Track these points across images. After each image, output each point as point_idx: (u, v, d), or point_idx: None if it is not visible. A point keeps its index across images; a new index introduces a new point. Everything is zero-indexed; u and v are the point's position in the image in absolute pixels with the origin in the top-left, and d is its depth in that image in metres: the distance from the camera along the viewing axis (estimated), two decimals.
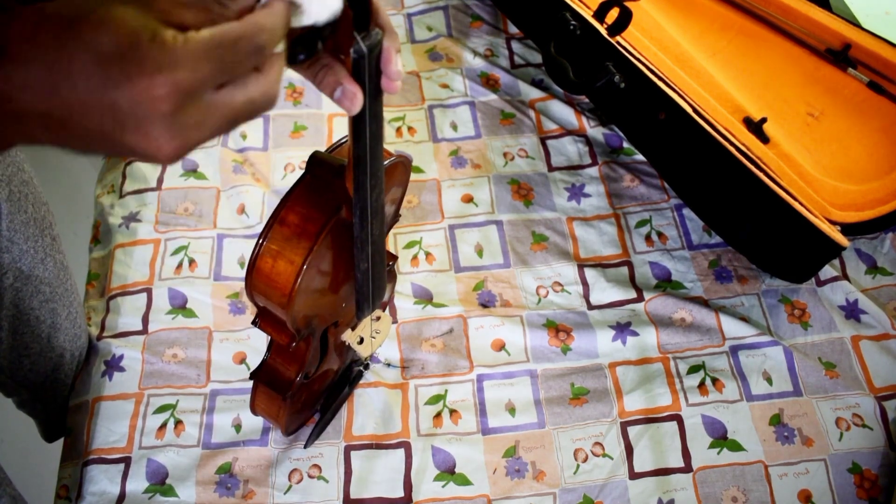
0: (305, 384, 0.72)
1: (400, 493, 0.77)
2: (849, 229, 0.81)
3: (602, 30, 0.89)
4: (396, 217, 0.71)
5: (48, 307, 0.79)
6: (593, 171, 1.00)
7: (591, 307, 0.89)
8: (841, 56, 0.90)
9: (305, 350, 0.68)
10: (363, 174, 0.52)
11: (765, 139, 0.87)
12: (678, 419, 0.80)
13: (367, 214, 0.55)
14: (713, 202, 0.90)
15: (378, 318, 0.73)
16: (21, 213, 0.73)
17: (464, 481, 0.77)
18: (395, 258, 0.78)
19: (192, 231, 0.95)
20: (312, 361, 0.71)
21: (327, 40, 0.41)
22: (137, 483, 0.77)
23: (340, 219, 0.57)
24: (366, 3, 0.41)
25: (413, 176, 1.01)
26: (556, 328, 0.87)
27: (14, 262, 0.73)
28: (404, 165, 0.65)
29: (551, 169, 1.01)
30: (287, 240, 0.57)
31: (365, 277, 0.63)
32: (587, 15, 0.91)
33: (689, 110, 0.83)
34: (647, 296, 0.89)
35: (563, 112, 1.06)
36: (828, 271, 0.89)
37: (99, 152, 0.33)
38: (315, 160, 0.58)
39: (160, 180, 1.00)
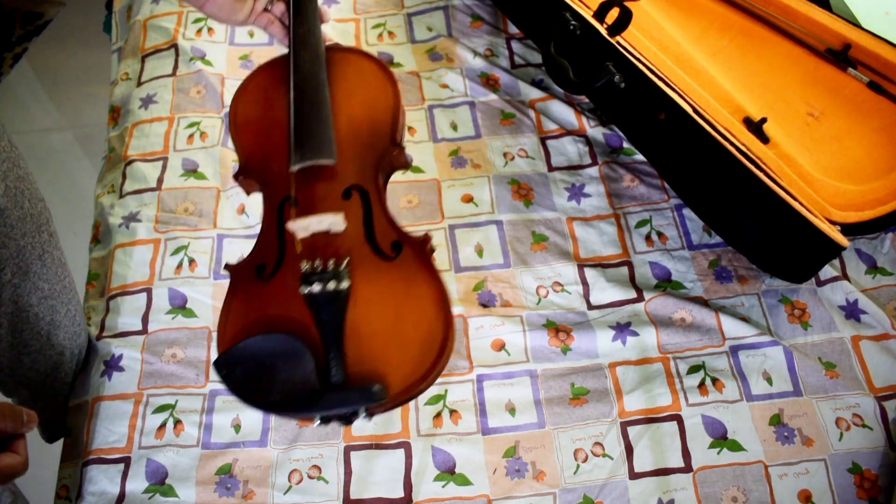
0: (259, 286, 0.68)
1: (400, 494, 0.77)
2: (849, 229, 0.81)
3: (602, 30, 0.89)
4: (395, 146, 0.73)
5: (47, 304, 0.79)
6: (593, 171, 1.00)
7: (591, 307, 0.89)
8: (841, 56, 0.90)
9: (265, 230, 0.70)
10: (293, 10, 0.73)
11: (765, 139, 0.87)
12: (678, 419, 0.80)
13: (295, 43, 0.73)
14: (713, 202, 0.90)
15: (329, 219, 0.69)
16: (17, 208, 0.73)
17: (464, 481, 0.77)
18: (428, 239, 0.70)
19: (192, 231, 0.95)
20: (267, 245, 0.70)
21: None
22: (137, 483, 0.77)
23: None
24: None
25: (413, 176, 1.01)
26: (556, 328, 0.87)
27: (12, 258, 0.73)
28: (367, 66, 0.77)
29: (551, 169, 1.01)
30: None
31: (297, 110, 0.72)
32: (587, 15, 0.91)
33: (689, 110, 0.83)
34: (647, 296, 0.89)
35: (563, 112, 1.06)
36: (828, 271, 0.89)
37: None
38: None
39: (160, 180, 1.00)
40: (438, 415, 0.81)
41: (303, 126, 0.71)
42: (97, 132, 1.39)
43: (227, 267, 0.71)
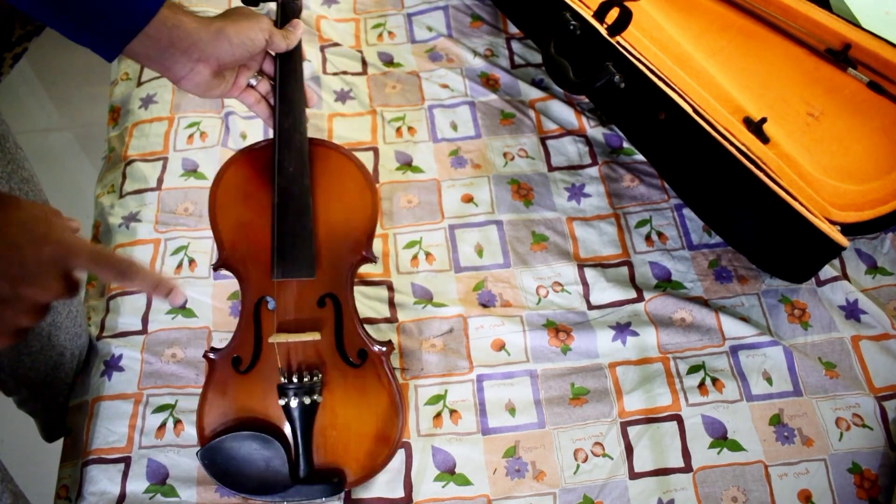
0: (235, 377, 0.75)
1: (400, 493, 0.77)
2: (849, 229, 0.81)
3: (602, 30, 0.89)
4: (366, 259, 0.77)
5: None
6: (593, 171, 1.00)
7: (591, 307, 0.89)
8: (841, 56, 0.90)
9: (242, 326, 0.76)
10: (278, 98, 0.72)
11: (765, 139, 0.87)
12: (678, 419, 0.80)
13: (280, 140, 0.72)
14: (713, 202, 0.90)
15: (306, 337, 0.75)
16: (21, 170, 0.73)
17: (464, 481, 0.77)
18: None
19: (192, 231, 0.95)
20: (244, 340, 0.76)
21: None
22: (138, 483, 0.77)
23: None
24: None
25: (413, 176, 1.01)
26: (556, 328, 0.87)
27: None
28: (349, 170, 0.77)
29: (551, 169, 1.01)
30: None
31: (280, 220, 0.72)
32: (587, 15, 0.91)
33: (689, 110, 0.83)
34: (647, 296, 0.89)
35: (563, 112, 1.06)
36: (828, 271, 0.89)
37: None
38: None
39: (160, 180, 1.00)
40: (438, 415, 0.81)
41: (286, 240, 0.73)
42: (97, 132, 1.39)
43: (205, 356, 0.76)
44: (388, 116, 1.07)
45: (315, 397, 0.74)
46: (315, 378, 0.74)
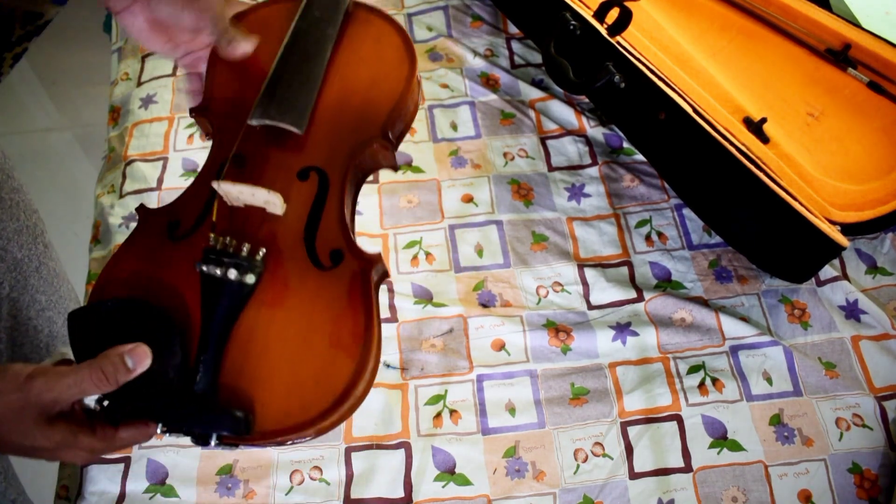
0: (164, 244, 0.58)
1: (400, 494, 0.77)
2: (849, 229, 0.81)
3: (602, 30, 0.89)
4: (383, 139, 0.61)
5: (45, 316, 0.78)
6: (593, 171, 1.00)
7: (591, 307, 0.89)
8: (841, 56, 0.90)
9: (196, 186, 0.61)
10: None
11: (765, 139, 0.87)
12: (678, 419, 0.80)
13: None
14: (713, 202, 0.90)
15: (266, 196, 0.58)
16: (13, 220, 0.72)
17: (464, 481, 0.78)
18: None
19: None
20: (190, 202, 0.60)
21: None
22: (138, 483, 0.77)
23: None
24: None
25: (413, 176, 1.01)
26: (556, 328, 0.87)
27: (9, 272, 0.72)
28: (389, 37, 0.64)
29: (551, 169, 1.01)
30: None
31: (282, 58, 0.61)
32: (587, 15, 0.91)
33: (689, 110, 0.83)
34: (647, 296, 0.89)
35: (563, 112, 1.06)
36: (828, 271, 0.89)
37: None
38: None
39: (160, 180, 1.00)
40: (438, 415, 0.81)
41: (281, 79, 0.60)
42: (97, 132, 1.39)
43: (139, 209, 0.60)
44: None
45: (247, 278, 0.54)
46: (257, 256, 0.55)
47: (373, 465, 0.78)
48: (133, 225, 0.96)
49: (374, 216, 0.97)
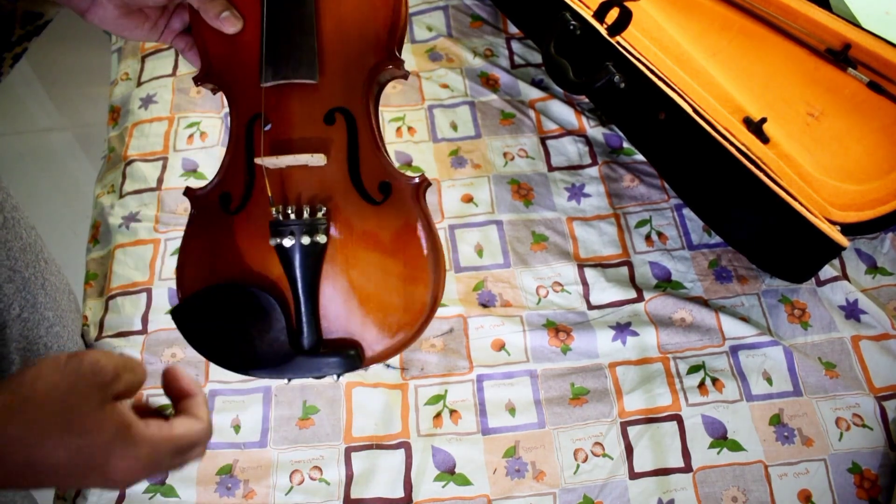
0: (224, 219, 0.60)
1: (400, 494, 0.77)
2: (849, 229, 0.81)
3: (602, 30, 0.89)
4: (392, 59, 0.62)
5: (53, 332, 0.78)
6: (593, 171, 1.00)
7: (591, 307, 0.89)
8: (841, 56, 0.90)
9: (231, 154, 0.61)
10: None
11: (765, 139, 0.87)
12: (678, 419, 0.80)
13: None
14: (713, 202, 0.90)
15: (309, 158, 0.60)
16: (17, 239, 0.71)
17: (464, 481, 0.77)
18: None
19: None
20: (233, 171, 0.61)
21: None
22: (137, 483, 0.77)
23: None
24: None
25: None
26: (556, 328, 0.87)
27: (19, 292, 0.71)
28: None
29: (551, 169, 1.01)
30: None
31: (273, 6, 0.58)
32: (587, 15, 0.91)
33: (689, 110, 0.83)
34: (647, 296, 0.89)
35: (563, 112, 1.06)
36: (828, 271, 0.89)
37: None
38: None
39: (160, 180, 1.00)
40: (438, 415, 0.81)
41: (278, 34, 0.58)
42: (97, 132, 1.39)
43: (187, 192, 0.62)
44: (387, 116, 1.07)
45: (318, 238, 0.57)
46: (319, 214, 0.58)
47: (373, 465, 0.78)
48: (133, 225, 0.96)
49: None
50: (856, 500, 0.75)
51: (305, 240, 0.57)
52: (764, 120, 0.87)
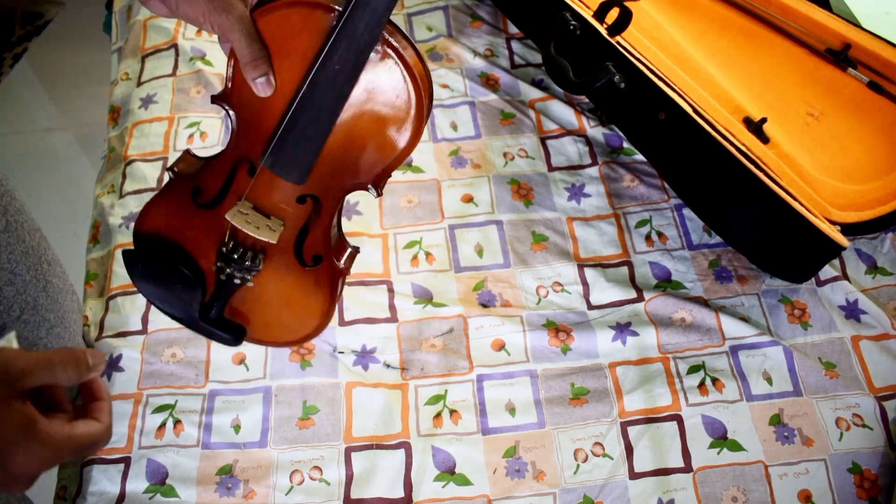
0: (188, 204, 0.72)
1: (400, 494, 0.77)
2: (849, 229, 0.81)
3: (602, 30, 0.89)
4: (375, 187, 0.67)
5: (54, 333, 0.78)
6: (593, 171, 1.00)
7: (591, 307, 0.89)
8: (841, 56, 0.90)
9: (217, 165, 0.70)
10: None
11: (765, 139, 0.87)
12: (678, 419, 0.80)
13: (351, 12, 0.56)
14: (713, 202, 0.90)
15: (267, 221, 0.70)
16: (20, 243, 0.71)
17: (464, 481, 0.77)
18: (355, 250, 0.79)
19: None
20: (213, 177, 0.71)
21: None
22: (137, 483, 0.77)
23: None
24: None
25: (413, 176, 1.01)
26: (556, 328, 0.87)
27: (19, 295, 0.72)
28: (405, 92, 0.61)
29: (551, 169, 1.01)
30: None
31: (297, 111, 0.62)
32: (587, 15, 0.91)
33: (689, 110, 0.83)
34: (647, 296, 0.89)
35: (563, 112, 1.06)
36: (828, 271, 0.89)
37: None
38: None
39: (160, 180, 1.00)
40: (438, 415, 0.81)
41: (288, 140, 0.64)
42: (97, 132, 1.39)
43: (170, 169, 0.73)
44: None
45: (248, 278, 0.74)
46: (257, 261, 0.73)
47: (373, 465, 0.78)
48: (133, 225, 0.96)
49: (375, 216, 0.97)
50: (856, 500, 0.75)
51: (236, 279, 0.74)
52: (764, 120, 0.87)
